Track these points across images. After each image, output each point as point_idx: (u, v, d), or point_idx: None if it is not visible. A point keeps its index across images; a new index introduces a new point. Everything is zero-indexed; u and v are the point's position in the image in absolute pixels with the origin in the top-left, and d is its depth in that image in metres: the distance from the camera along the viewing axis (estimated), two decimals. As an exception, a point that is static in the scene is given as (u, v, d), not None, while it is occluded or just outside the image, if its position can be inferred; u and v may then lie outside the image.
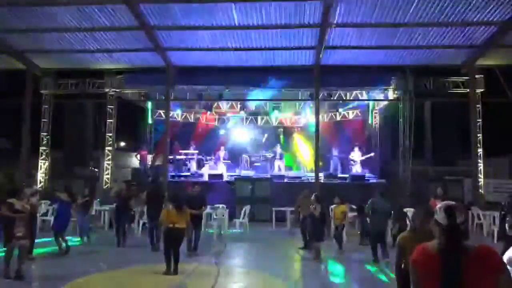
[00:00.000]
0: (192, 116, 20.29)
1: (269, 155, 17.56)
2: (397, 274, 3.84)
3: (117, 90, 16.54)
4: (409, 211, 8.60)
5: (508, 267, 2.20)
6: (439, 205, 2.27)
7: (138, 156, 17.64)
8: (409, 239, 3.76)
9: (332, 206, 10.10)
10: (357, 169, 16.29)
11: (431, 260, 2.09)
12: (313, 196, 8.68)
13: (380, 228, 8.07)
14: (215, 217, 11.46)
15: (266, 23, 12.28)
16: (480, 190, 14.37)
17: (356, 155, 16.50)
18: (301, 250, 9.26)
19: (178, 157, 17.05)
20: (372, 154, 16.67)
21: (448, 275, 2.03)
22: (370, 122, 18.16)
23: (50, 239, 8.72)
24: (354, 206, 11.60)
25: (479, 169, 14.60)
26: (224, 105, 19.14)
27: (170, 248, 6.87)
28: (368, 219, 8.78)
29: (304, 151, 19.26)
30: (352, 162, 16.53)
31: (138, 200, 10.88)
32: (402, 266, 3.74)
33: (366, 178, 15.48)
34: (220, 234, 11.19)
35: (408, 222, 7.92)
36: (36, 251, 8.08)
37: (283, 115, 20.00)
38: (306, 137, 19.36)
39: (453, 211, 2.17)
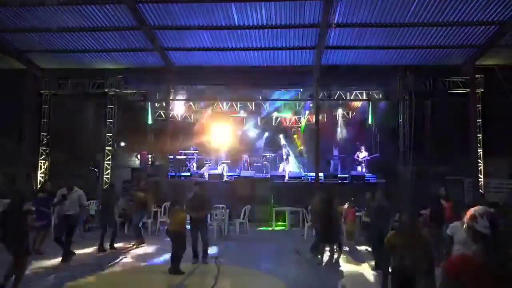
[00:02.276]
0: (192, 116, 20.28)
1: (269, 155, 17.56)
2: (385, 274, 3.90)
3: (117, 90, 16.56)
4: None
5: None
6: (476, 211, 2.09)
7: (138, 156, 17.65)
8: (397, 237, 3.83)
9: None
10: (362, 169, 16.29)
11: (480, 272, 1.93)
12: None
13: (382, 230, 7.38)
14: (215, 217, 11.45)
15: (266, 23, 12.29)
16: (480, 190, 14.36)
17: (362, 154, 16.50)
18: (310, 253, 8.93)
19: (178, 157, 17.05)
20: (378, 154, 16.66)
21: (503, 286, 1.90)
22: (370, 122, 18.15)
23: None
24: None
25: (479, 169, 14.60)
26: (224, 105, 19.14)
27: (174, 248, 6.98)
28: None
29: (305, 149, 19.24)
30: (357, 162, 16.52)
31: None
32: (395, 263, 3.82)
33: (366, 178, 15.47)
34: (220, 234, 11.19)
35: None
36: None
37: (283, 115, 20.00)
38: (304, 137, 19.37)
39: (496, 219, 2.02)
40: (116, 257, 8.39)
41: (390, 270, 3.89)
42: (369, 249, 9.14)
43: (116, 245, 9.27)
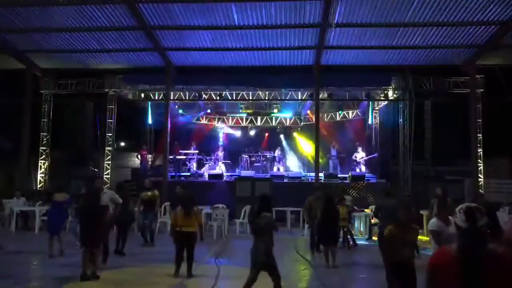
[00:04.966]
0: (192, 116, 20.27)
1: (269, 155, 17.56)
2: (386, 264, 4.03)
3: (117, 90, 16.55)
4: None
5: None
6: (458, 207, 2.17)
7: (139, 156, 17.65)
8: (394, 230, 4.12)
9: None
10: (361, 169, 16.29)
11: (451, 264, 1.99)
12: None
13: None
14: (215, 217, 11.45)
15: (266, 23, 12.29)
16: (480, 190, 14.36)
17: (360, 155, 16.50)
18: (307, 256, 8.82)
19: (178, 157, 17.04)
20: (376, 154, 16.66)
21: (469, 280, 1.93)
22: (370, 122, 18.16)
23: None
24: (355, 207, 11.59)
25: (479, 169, 14.60)
26: (224, 105, 19.12)
27: (179, 251, 6.83)
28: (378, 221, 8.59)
29: (306, 149, 19.23)
30: (355, 162, 16.53)
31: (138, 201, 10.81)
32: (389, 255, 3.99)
33: (366, 178, 15.47)
34: (220, 234, 11.18)
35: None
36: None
37: (283, 115, 20.01)
38: (306, 136, 19.37)
39: (473, 213, 2.08)
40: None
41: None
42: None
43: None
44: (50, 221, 8.48)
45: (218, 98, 16.32)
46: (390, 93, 16.31)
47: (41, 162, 16.56)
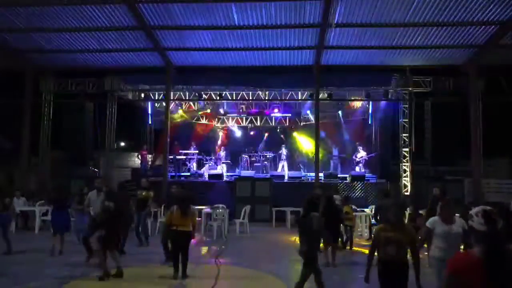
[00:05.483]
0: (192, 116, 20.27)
1: (269, 155, 17.54)
2: (369, 264, 4.09)
3: (117, 90, 16.55)
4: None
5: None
6: (474, 210, 2.16)
7: (139, 156, 17.65)
8: (384, 230, 4.11)
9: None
10: (360, 168, 16.29)
11: (475, 267, 1.97)
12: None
13: None
14: (215, 217, 11.45)
15: (266, 23, 12.29)
16: (480, 190, 14.35)
17: (360, 155, 16.50)
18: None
19: (178, 157, 17.04)
20: (375, 154, 16.66)
21: (496, 280, 1.92)
22: (370, 122, 18.15)
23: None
24: (354, 206, 11.59)
25: (479, 169, 14.58)
26: (224, 105, 19.12)
27: (175, 250, 6.82)
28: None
29: (307, 148, 19.20)
30: (355, 162, 16.51)
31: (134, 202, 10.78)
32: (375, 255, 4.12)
33: (366, 178, 15.47)
34: (220, 234, 11.18)
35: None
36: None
37: (283, 115, 19.99)
38: (306, 135, 19.36)
39: (491, 216, 2.09)
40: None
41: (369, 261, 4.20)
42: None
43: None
44: (55, 220, 8.55)
45: (218, 98, 16.32)
46: (390, 93, 16.30)
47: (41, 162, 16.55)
